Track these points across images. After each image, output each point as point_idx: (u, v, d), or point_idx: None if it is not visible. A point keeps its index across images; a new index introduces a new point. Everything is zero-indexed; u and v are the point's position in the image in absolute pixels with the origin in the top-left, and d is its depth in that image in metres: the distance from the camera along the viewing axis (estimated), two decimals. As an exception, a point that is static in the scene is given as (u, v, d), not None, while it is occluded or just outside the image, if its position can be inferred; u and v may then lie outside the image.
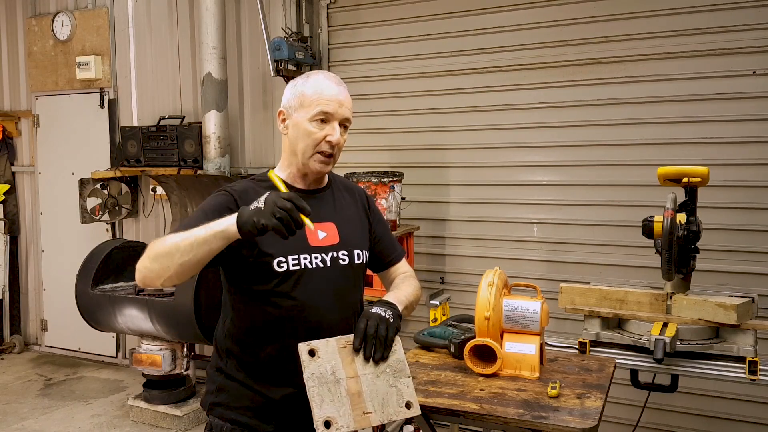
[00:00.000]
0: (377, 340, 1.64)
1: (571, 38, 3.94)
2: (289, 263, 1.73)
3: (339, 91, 1.78)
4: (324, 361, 1.61)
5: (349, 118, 1.81)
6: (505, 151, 4.19)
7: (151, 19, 5.41)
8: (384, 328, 1.66)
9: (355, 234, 1.89)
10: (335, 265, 1.80)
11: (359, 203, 1.98)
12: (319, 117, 1.75)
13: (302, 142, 1.77)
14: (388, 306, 1.73)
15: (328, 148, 1.76)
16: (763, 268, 3.55)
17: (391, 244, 2.06)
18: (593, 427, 1.82)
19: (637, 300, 2.78)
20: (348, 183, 2.04)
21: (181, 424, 4.43)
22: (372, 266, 2.01)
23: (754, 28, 3.50)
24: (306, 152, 1.77)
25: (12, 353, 6.07)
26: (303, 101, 1.77)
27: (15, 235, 6.20)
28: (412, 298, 1.91)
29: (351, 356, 1.64)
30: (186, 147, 4.88)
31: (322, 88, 1.77)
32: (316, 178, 1.86)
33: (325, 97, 1.75)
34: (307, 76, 1.82)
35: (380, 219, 2.05)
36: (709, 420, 3.67)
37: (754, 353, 2.58)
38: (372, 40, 4.57)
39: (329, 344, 1.63)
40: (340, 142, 1.78)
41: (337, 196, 1.92)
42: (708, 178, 2.80)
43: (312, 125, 1.75)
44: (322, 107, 1.75)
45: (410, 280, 2.00)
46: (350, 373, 1.62)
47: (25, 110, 6.08)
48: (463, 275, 4.29)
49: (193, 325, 4.04)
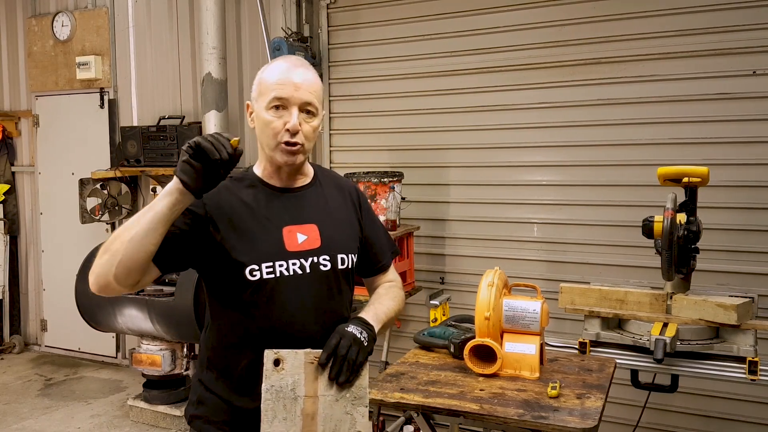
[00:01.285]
0: (346, 363, 1.53)
1: (571, 38, 3.94)
2: (263, 271, 1.61)
3: (296, 74, 1.62)
4: (287, 374, 1.52)
5: (311, 102, 1.63)
6: (505, 151, 4.19)
7: (151, 19, 5.41)
8: (356, 351, 1.54)
9: (341, 236, 1.75)
10: (315, 271, 1.67)
11: (349, 202, 1.82)
12: (273, 104, 1.61)
13: (263, 133, 1.64)
14: (365, 327, 1.61)
15: (288, 137, 1.60)
16: (763, 268, 3.54)
17: (381, 249, 1.89)
18: (593, 427, 1.82)
19: (637, 300, 2.78)
20: (339, 179, 1.89)
21: (181, 424, 4.42)
22: (359, 270, 1.86)
23: (754, 28, 3.50)
24: (269, 144, 1.63)
25: (12, 353, 6.07)
26: (261, 90, 1.64)
27: (15, 235, 6.20)
28: (392, 314, 1.78)
29: (315, 373, 1.54)
30: (186, 147, 4.87)
31: (276, 72, 1.63)
32: (291, 173, 1.71)
33: (278, 82, 1.61)
34: (267, 65, 1.69)
35: (373, 220, 1.90)
36: (709, 420, 3.67)
37: (754, 353, 2.58)
38: (372, 40, 4.57)
39: (297, 357, 1.54)
40: (302, 128, 1.61)
41: (323, 194, 1.77)
42: (708, 178, 2.80)
43: (269, 114, 1.61)
44: (275, 92, 1.60)
45: (394, 291, 1.86)
46: (310, 392, 1.53)
47: (25, 110, 6.08)
48: (463, 275, 4.29)
49: (192, 325, 4.04)
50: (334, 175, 1.91)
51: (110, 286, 1.50)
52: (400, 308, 1.84)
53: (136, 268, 1.49)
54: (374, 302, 1.80)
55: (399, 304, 1.84)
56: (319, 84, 1.69)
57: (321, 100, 1.69)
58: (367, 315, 1.69)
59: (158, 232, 1.48)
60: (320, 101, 1.68)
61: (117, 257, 1.47)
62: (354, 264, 1.78)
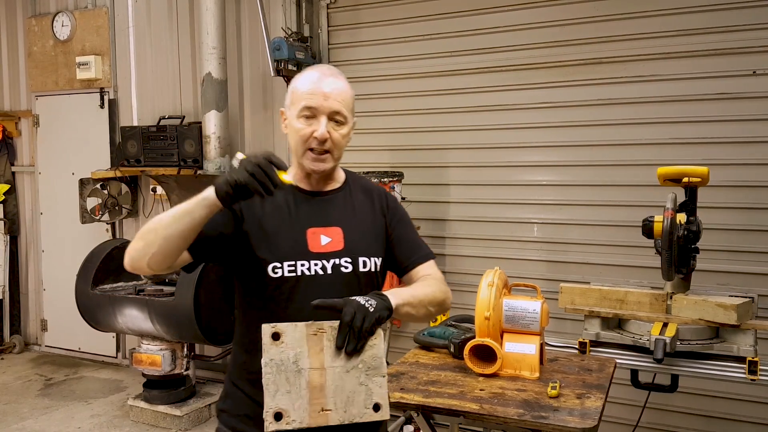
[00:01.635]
0: (351, 330, 1.49)
1: (571, 38, 3.94)
2: (285, 269, 1.65)
3: (326, 83, 1.67)
4: (288, 347, 1.47)
5: (340, 111, 1.68)
6: (505, 151, 4.19)
7: (151, 19, 5.41)
8: (360, 317, 1.49)
9: (364, 240, 1.76)
10: (336, 272, 1.69)
11: (377, 205, 1.84)
12: (304, 113, 1.67)
13: (293, 140, 1.71)
14: (375, 296, 1.57)
15: (316, 144, 1.66)
16: (763, 268, 3.54)
17: (411, 247, 1.86)
18: (593, 427, 1.82)
19: (637, 300, 2.78)
20: (367, 184, 1.91)
21: (181, 424, 4.42)
22: (394, 271, 1.86)
23: (754, 28, 3.50)
24: (298, 150, 1.70)
25: (12, 353, 6.07)
26: (293, 98, 1.71)
27: (15, 235, 6.20)
28: (422, 296, 1.70)
29: (320, 345, 1.49)
30: (186, 147, 4.87)
31: (308, 82, 1.69)
32: (321, 178, 1.76)
33: (309, 91, 1.67)
34: (301, 73, 1.75)
35: (401, 220, 1.88)
36: (709, 420, 3.67)
37: (754, 353, 2.58)
38: (372, 40, 4.57)
39: (297, 329, 1.49)
40: (331, 137, 1.67)
41: (350, 199, 1.81)
42: (708, 178, 2.81)
43: (299, 122, 1.67)
44: (305, 102, 1.66)
45: (429, 281, 1.80)
46: (315, 364, 1.48)
47: (25, 110, 6.08)
48: (463, 275, 4.29)
49: (193, 325, 4.04)
50: (363, 180, 1.93)
51: (144, 269, 1.62)
52: (437, 297, 1.75)
53: (168, 260, 1.60)
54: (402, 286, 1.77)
55: (435, 291, 1.75)
56: (350, 93, 1.73)
57: (351, 109, 1.74)
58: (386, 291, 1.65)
59: (192, 235, 1.57)
60: (350, 110, 1.73)
61: (151, 249, 1.56)
62: (378, 267, 1.77)
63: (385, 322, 1.57)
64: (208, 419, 4.58)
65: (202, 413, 4.57)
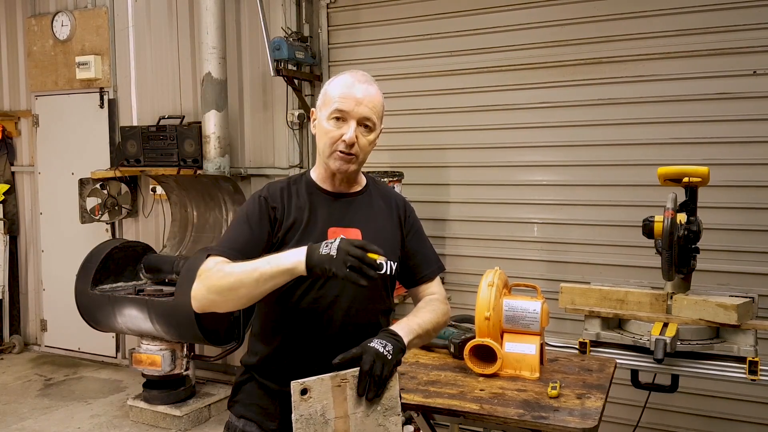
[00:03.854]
0: (372, 379, 1.55)
1: (571, 38, 3.94)
2: None
3: (358, 89, 1.74)
4: (315, 401, 1.55)
5: (370, 117, 1.75)
6: (505, 151, 4.19)
7: (150, 19, 5.41)
8: (380, 366, 1.55)
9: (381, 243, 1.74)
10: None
11: (395, 213, 1.91)
12: (335, 115, 1.73)
13: (321, 140, 1.76)
14: (390, 339, 1.62)
15: (343, 147, 1.73)
16: (763, 268, 3.54)
17: (425, 261, 1.93)
18: (593, 428, 1.82)
19: (637, 300, 2.78)
20: (388, 191, 1.98)
21: (180, 425, 4.42)
22: (403, 281, 1.92)
23: (754, 28, 3.50)
24: (325, 151, 1.76)
25: (12, 353, 6.07)
26: (325, 100, 1.77)
27: (15, 235, 6.19)
28: (429, 326, 1.77)
29: (344, 395, 1.57)
30: (186, 147, 4.87)
31: (342, 86, 1.75)
32: (345, 180, 1.82)
33: (341, 95, 1.73)
34: (336, 76, 1.81)
35: (417, 232, 1.96)
36: (710, 420, 3.67)
37: (755, 353, 2.58)
38: (372, 39, 4.57)
39: (323, 383, 1.56)
40: (358, 141, 1.73)
41: (370, 203, 1.87)
42: (708, 178, 2.80)
43: (329, 124, 1.73)
44: (337, 105, 1.72)
45: (434, 305, 1.85)
46: (340, 413, 1.57)
47: (24, 110, 6.08)
48: (463, 275, 4.28)
49: (192, 325, 4.04)
50: (384, 186, 2.00)
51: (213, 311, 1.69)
52: (441, 321, 1.83)
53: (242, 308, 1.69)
54: (411, 314, 1.82)
55: (438, 317, 1.83)
56: (381, 100, 1.81)
57: (380, 116, 1.82)
58: (397, 327, 1.71)
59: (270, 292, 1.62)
60: (379, 117, 1.81)
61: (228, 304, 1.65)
62: (393, 271, 1.83)
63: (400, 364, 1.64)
64: (207, 419, 4.58)
65: (202, 413, 4.56)
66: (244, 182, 4.98)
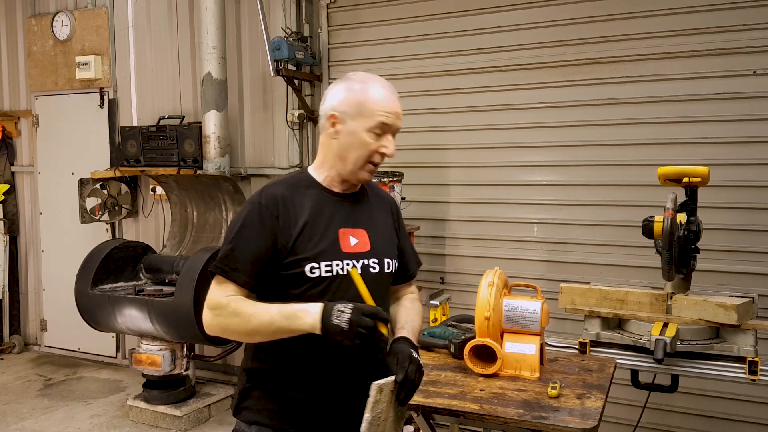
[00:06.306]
0: (413, 387, 1.68)
1: (571, 38, 3.94)
2: (322, 269, 1.71)
3: (396, 102, 1.76)
4: (382, 402, 1.64)
5: (400, 128, 1.80)
6: (505, 151, 4.19)
7: (150, 19, 5.41)
8: (420, 376, 1.70)
9: (385, 242, 1.87)
10: (366, 273, 1.76)
11: (389, 212, 1.95)
12: (377, 129, 1.73)
13: (356, 151, 1.75)
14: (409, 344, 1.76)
15: (380, 159, 1.76)
16: (763, 268, 3.54)
17: (410, 259, 2.02)
18: (593, 428, 1.82)
19: (637, 300, 2.78)
20: (379, 190, 2.01)
21: (180, 425, 4.42)
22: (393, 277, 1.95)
23: (754, 28, 3.50)
24: (358, 162, 1.76)
25: (12, 353, 6.07)
26: (362, 110, 1.73)
27: (15, 235, 6.19)
28: (418, 327, 1.93)
29: (391, 399, 1.67)
30: (186, 147, 4.87)
31: (383, 99, 1.74)
32: (351, 184, 1.84)
33: (386, 109, 1.73)
34: (363, 83, 1.76)
35: (404, 231, 2.02)
36: (709, 420, 3.67)
37: (755, 353, 2.58)
38: (372, 39, 4.57)
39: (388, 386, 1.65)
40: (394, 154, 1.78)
41: (368, 203, 1.89)
42: (708, 178, 2.80)
43: (369, 136, 1.73)
44: (382, 119, 1.73)
45: (418, 305, 2.00)
46: (389, 416, 1.67)
47: (24, 110, 6.08)
48: (463, 275, 4.29)
49: (192, 326, 4.03)
50: (375, 185, 2.01)
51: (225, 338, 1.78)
52: (421, 321, 1.98)
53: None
54: (407, 319, 1.92)
55: (420, 316, 1.98)
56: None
57: None
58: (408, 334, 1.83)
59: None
60: None
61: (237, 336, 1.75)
62: (394, 269, 1.88)
63: None
64: (207, 419, 4.58)
65: (202, 413, 4.56)
66: (244, 182, 4.98)
